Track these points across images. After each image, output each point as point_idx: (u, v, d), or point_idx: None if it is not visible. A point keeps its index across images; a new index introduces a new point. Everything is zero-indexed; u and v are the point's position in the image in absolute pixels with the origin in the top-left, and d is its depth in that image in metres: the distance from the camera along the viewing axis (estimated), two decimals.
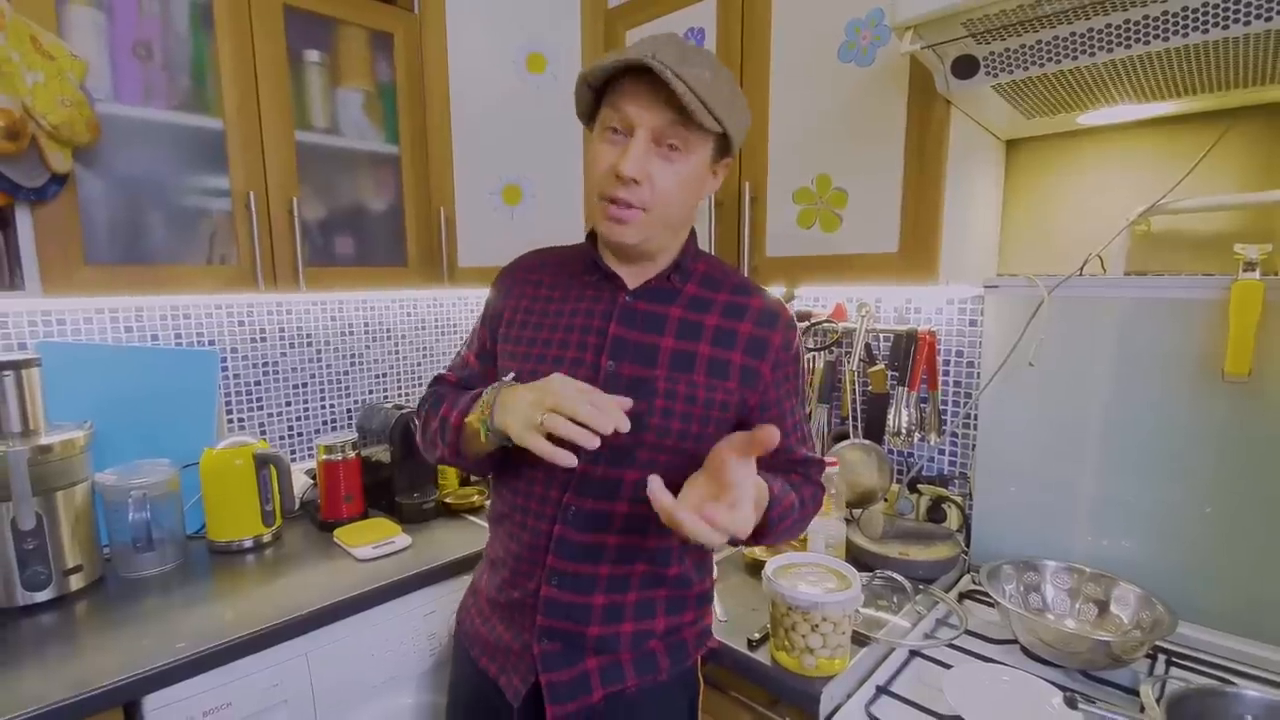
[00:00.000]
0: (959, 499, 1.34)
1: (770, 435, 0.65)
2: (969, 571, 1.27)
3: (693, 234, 0.89)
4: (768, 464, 0.89)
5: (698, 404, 0.81)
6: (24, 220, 1.09)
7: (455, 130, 1.57)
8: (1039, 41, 0.86)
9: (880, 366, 1.41)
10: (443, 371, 1.00)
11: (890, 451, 1.42)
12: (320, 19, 1.41)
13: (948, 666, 0.96)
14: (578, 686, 0.82)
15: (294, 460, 1.71)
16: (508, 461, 0.87)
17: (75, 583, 1.14)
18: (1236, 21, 0.76)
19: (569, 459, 0.67)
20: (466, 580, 1.26)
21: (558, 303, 0.87)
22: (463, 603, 0.99)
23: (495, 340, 0.91)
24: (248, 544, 1.32)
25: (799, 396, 0.90)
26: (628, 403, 0.69)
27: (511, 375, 0.81)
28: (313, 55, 1.41)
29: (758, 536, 0.83)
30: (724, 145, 0.80)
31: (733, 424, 0.85)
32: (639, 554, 0.83)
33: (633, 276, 0.85)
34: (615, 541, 0.82)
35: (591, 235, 0.89)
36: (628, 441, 0.78)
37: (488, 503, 0.98)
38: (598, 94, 0.79)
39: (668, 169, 0.76)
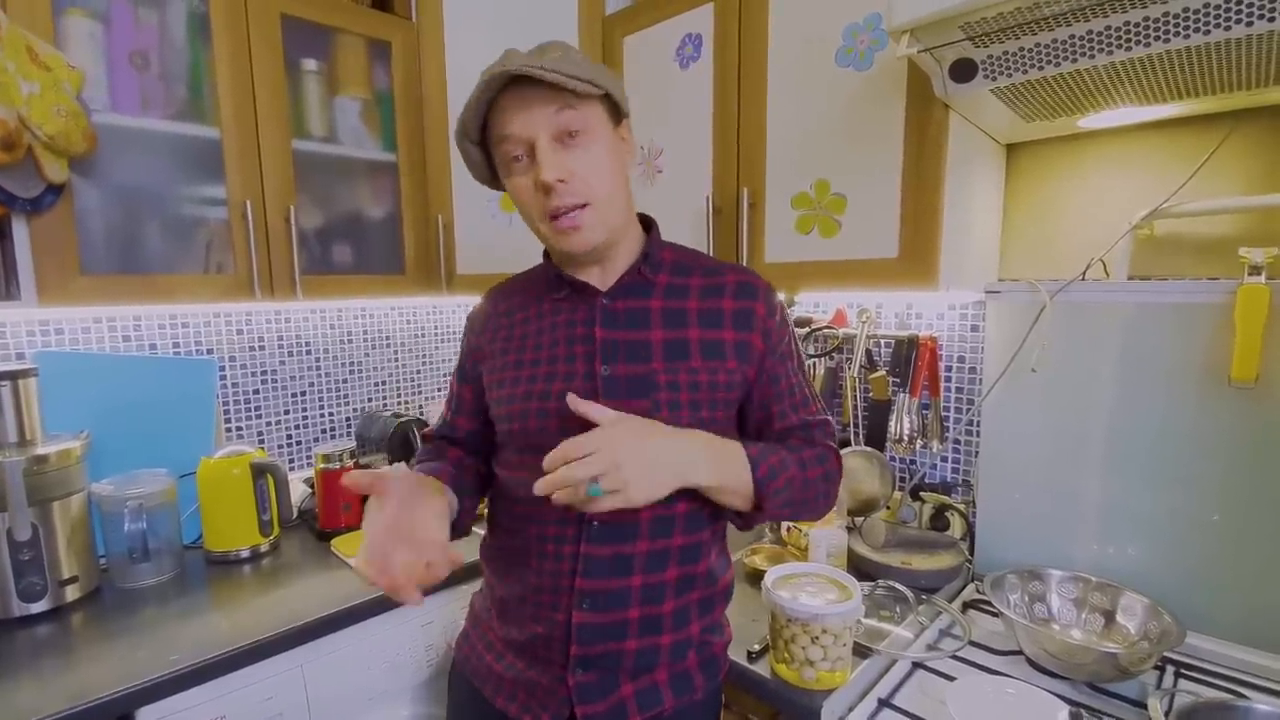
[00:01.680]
0: (962, 507, 1.33)
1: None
2: (973, 581, 1.25)
3: (653, 223, 0.88)
4: (765, 436, 0.87)
5: (701, 389, 0.79)
6: (20, 230, 1.09)
7: (453, 137, 1.56)
8: (1038, 44, 0.85)
9: (881, 373, 1.40)
10: (430, 429, 1.00)
11: (892, 459, 1.41)
12: (317, 28, 1.41)
13: (951, 679, 0.94)
14: (615, 716, 0.80)
15: (293, 469, 1.70)
16: (509, 496, 0.85)
17: (71, 594, 1.14)
18: (1239, 22, 0.75)
19: (412, 601, 0.67)
20: (466, 590, 1.25)
21: (534, 321, 0.86)
22: (464, 638, 0.94)
23: (477, 392, 0.91)
24: (245, 554, 1.31)
25: (794, 359, 0.88)
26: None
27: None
28: (310, 64, 1.41)
29: (760, 501, 0.78)
30: (613, 109, 0.80)
31: (738, 403, 0.84)
32: (669, 556, 0.81)
33: (602, 279, 0.84)
34: (644, 548, 0.79)
35: (547, 255, 0.89)
36: None
37: (482, 532, 0.95)
38: (483, 147, 0.80)
39: (583, 156, 0.76)
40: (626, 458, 0.68)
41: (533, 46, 0.79)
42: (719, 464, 0.76)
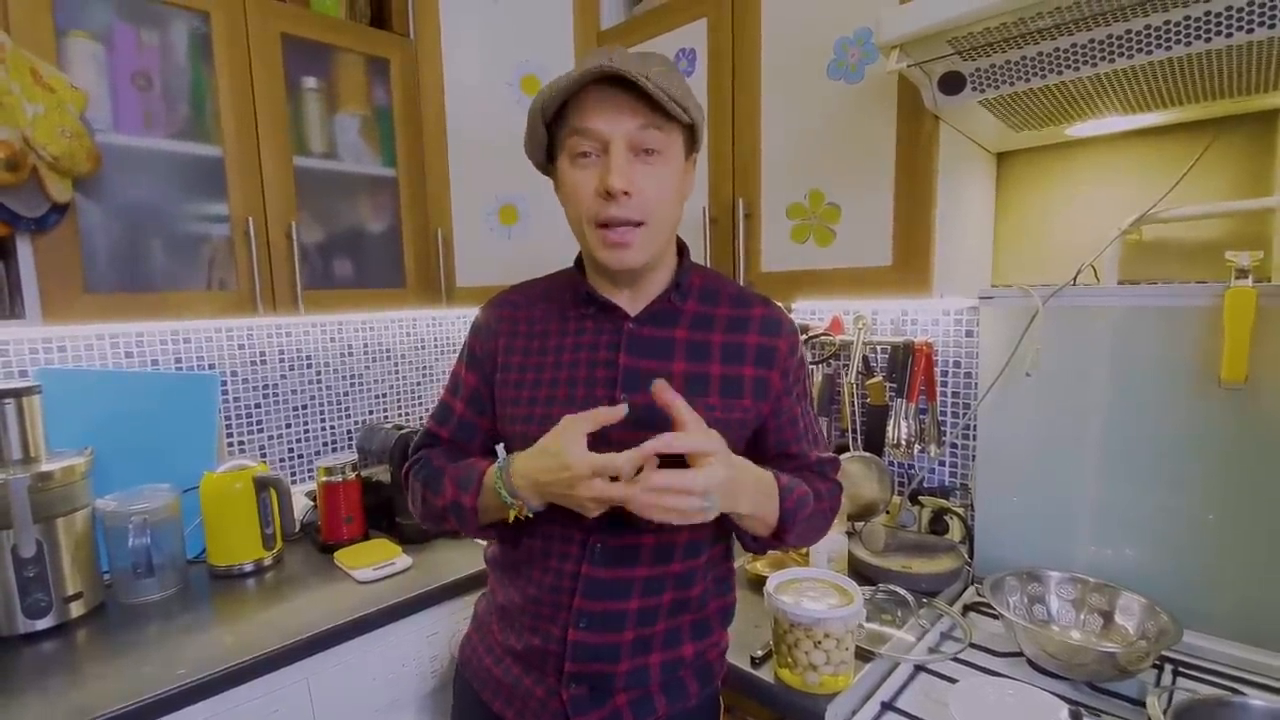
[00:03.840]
0: (961, 510, 1.34)
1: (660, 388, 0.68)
2: (973, 583, 1.26)
3: (685, 248, 0.87)
4: (782, 469, 0.87)
5: (715, 426, 0.77)
6: (24, 250, 1.10)
7: (451, 152, 1.58)
8: (1024, 57, 0.88)
9: (878, 379, 1.41)
10: (429, 425, 0.93)
11: (890, 463, 1.42)
12: (317, 46, 1.43)
13: (953, 681, 0.95)
14: None
15: (295, 482, 1.71)
16: None
17: (76, 610, 1.14)
18: (1219, 34, 0.77)
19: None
20: (469, 600, 1.26)
21: (555, 338, 0.84)
22: (467, 641, 0.95)
23: (486, 384, 0.88)
24: (248, 568, 1.31)
25: (807, 398, 0.90)
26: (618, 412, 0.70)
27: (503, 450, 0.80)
28: (310, 82, 1.43)
29: (781, 531, 0.80)
30: (690, 139, 0.80)
31: (750, 438, 0.84)
32: (665, 581, 0.81)
33: (632, 302, 0.83)
34: (644, 574, 0.80)
35: (578, 263, 0.87)
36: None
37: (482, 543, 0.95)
38: (548, 128, 0.77)
39: (652, 175, 0.74)
40: (728, 485, 0.70)
41: (635, 51, 0.77)
42: (759, 495, 0.77)
